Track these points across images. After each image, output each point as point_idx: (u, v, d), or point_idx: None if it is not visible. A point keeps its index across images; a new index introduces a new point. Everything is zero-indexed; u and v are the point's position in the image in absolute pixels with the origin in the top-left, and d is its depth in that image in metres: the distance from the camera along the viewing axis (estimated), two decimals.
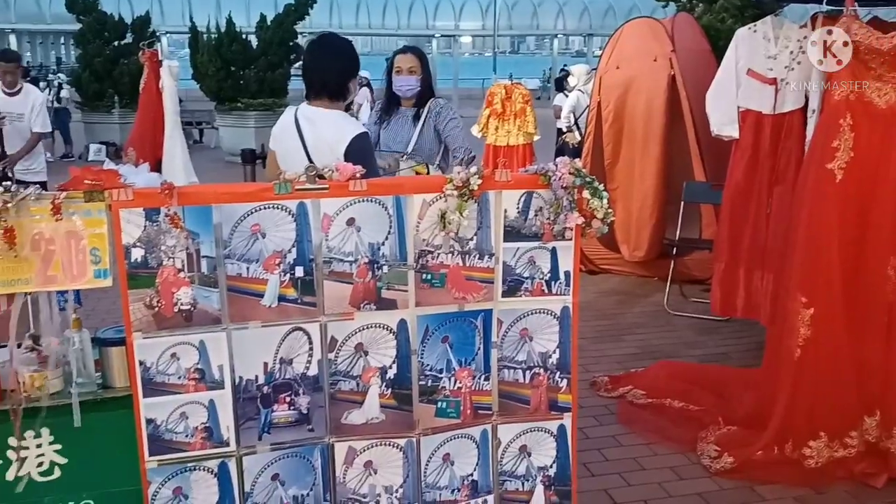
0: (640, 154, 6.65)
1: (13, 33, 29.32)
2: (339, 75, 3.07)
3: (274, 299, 2.39)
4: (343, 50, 3.13)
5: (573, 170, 2.38)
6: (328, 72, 3.06)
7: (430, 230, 2.43)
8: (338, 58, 3.09)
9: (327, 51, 3.11)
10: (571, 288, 2.55)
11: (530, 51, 67.59)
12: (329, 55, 3.09)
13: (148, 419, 2.33)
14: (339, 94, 3.08)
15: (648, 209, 6.57)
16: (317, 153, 2.93)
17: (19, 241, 2.12)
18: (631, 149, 6.74)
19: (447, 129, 3.99)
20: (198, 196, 2.30)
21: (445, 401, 2.56)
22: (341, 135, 2.97)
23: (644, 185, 6.58)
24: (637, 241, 6.70)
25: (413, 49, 4.17)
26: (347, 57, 3.12)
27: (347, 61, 3.11)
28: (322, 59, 3.08)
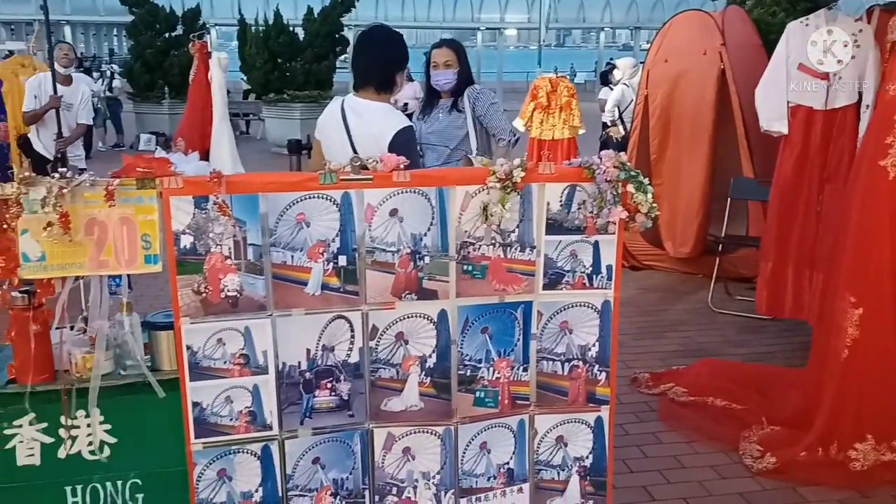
0: (687, 149, 6.56)
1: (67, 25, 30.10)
2: (386, 67, 3.09)
3: (317, 287, 2.43)
4: (392, 42, 3.15)
5: (618, 163, 2.37)
6: (375, 63, 3.08)
7: (472, 222, 2.44)
8: (386, 49, 3.11)
9: (376, 42, 3.13)
10: (613, 282, 2.54)
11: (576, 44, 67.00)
12: (377, 46, 3.11)
13: (194, 402, 2.39)
14: (386, 86, 3.10)
15: (695, 205, 6.48)
16: (361, 145, 2.96)
17: (74, 225, 2.19)
18: (678, 144, 6.65)
19: (487, 115, 3.98)
20: (245, 185, 2.34)
21: (484, 390, 2.57)
22: (386, 127, 3.00)
23: (691, 181, 6.49)
24: (683, 237, 6.61)
25: (448, 42, 4.19)
26: (396, 49, 3.14)
27: (395, 53, 3.13)
28: (370, 50, 3.10)
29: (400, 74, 3.16)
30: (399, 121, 3.04)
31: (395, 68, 3.12)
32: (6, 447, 2.32)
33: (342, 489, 2.54)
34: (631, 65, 9.14)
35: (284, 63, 15.17)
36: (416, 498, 2.60)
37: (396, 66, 3.13)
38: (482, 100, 4.02)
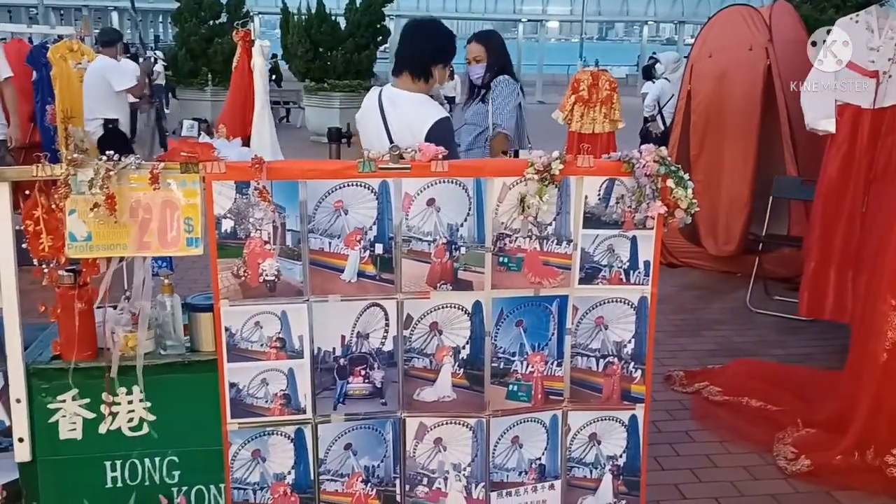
0: (730, 146, 6.46)
1: (115, 11, 30.62)
2: (423, 57, 3.08)
3: (353, 274, 2.46)
4: (435, 34, 3.14)
5: (658, 157, 2.35)
6: (413, 51, 3.09)
7: (509, 213, 2.45)
8: (427, 40, 3.11)
9: (419, 32, 3.14)
10: (650, 278, 2.52)
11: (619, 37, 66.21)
12: (419, 36, 3.12)
13: (231, 383, 2.43)
14: (421, 75, 3.09)
15: (740, 203, 6.38)
16: (398, 135, 2.96)
17: (119, 207, 2.25)
18: (720, 140, 6.55)
19: (495, 105, 4.11)
20: (285, 171, 2.37)
21: (517, 384, 2.57)
22: (423, 119, 2.99)
23: (735, 178, 6.38)
24: (726, 235, 6.52)
25: (478, 37, 4.31)
26: (437, 42, 3.12)
27: (435, 46, 3.11)
28: (412, 39, 3.11)
29: (438, 67, 3.12)
30: (436, 112, 3.04)
31: (432, 60, 3.10)
32: (50, 421, 2.40)
33: (373, 476, 2.57)
34: (673, 59, 9.02)
35: (325, 52, 15.27)
36: (447, 489, 2.61)
37: (434, 59, 3.10)
38: (497, 91, 4.15)
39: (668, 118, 8.45)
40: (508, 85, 4.23)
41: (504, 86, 4.20)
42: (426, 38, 3.14)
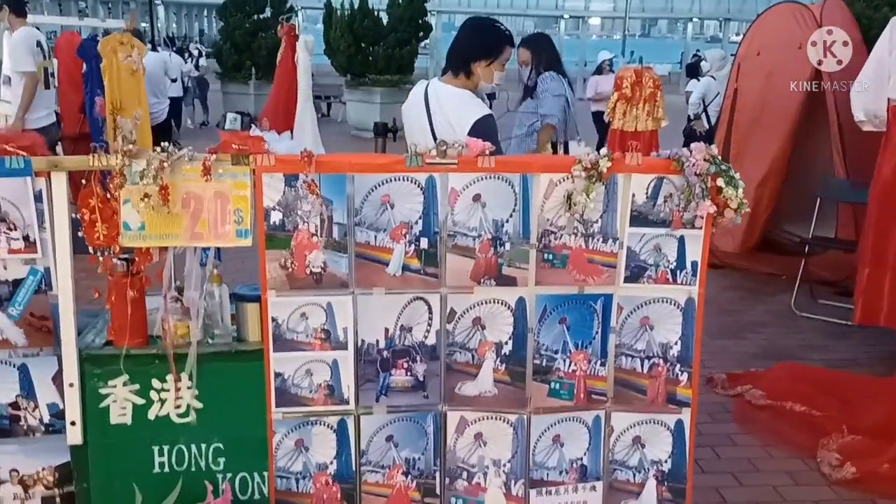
0: (770, 147, 6.34)
1: (161, 5, 31.20)
2: (464, 52, 3.07)
3: (398, 268, 2.47)
4: (481, 31, 3.13)
5: (708, 156, 2.32)
6: (456, 47, 3.10)
7: (555, 210, 2.44)
8: (470, 36, 3.12)
9: (465, 29, 3.17)
10: (698, 279, 2.49)
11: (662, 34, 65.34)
12: (464, 32, 3.14)
13: (276, 373, 2.47)
14: (461, 71, 3.07)
15: (765, 202, 6.26)
16: (441, 130, 2.95)
17: (172, 198, 2.29)
18: (764, 140, 6.43)
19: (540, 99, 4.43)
20: (334, 165, 2.40)
21: (559, 382, 2.57)
22: (465, 115, 2.98)
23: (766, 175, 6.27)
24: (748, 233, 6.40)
25: (524, 41, 4.68)
26: (480, 39, 3.10)
27: (476, 43, 3.09)
28: (458, 35, 3.14)
29: (479, 64, 3.07)
30: (478, 109, 3.02)
31: (473, 56, 3.07)
32: (101, 405, 2.45)
33: (413, 469, 2.59)
34: (719, 57, 8.89)
35: (368, 47, 15.32)
36: (486, 484, 2.62)
37: (475, 55, 3.07)
38: (543, 86, 4.46)
39: (713, 116, 8.33)
40: (554, 80, 4.53)
41: (549, 80, 4.51)
42: (470, 34, 3.15)
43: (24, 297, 2.38)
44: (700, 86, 8.85)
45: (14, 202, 2.31)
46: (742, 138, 6.53)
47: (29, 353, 2.43)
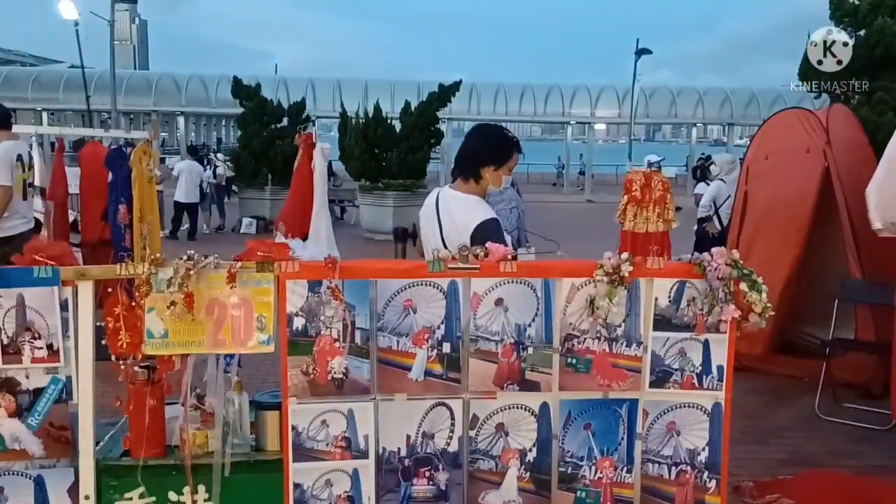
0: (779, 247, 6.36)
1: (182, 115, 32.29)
2: (474, 157, 3.09)
3: (421, 373, 2.45)
4: (490, 137, 3.18)
5: (730, 261, 2.33)
6: (466, 152, 3.13)
7: (577, 314, 2.44)
8: (478, 141, 3.16)
9: (475, 134, 3.19)
10: (724, 384, 2.46)
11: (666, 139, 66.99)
12: (472, 138, 3.16)
13: (296, 484, 2.41)
14: (471, 176, 3.10)
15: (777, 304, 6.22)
16: (448, 235, 2.97)
17: (197, 305, 2.30)
18: (770, 241, 6.45)
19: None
20: (357, 270, 2.42)
21: (585, 490, 2.49)
22: (470, 219, 2.97)
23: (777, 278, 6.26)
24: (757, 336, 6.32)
25: None
26: (490, 144, 3.14)
27: (487, 147, 3.12)
28: (466, 140, 3.17)
29: (488, 169, 3.09)
30: (482, 213, 3.01)
31: (481, 161, 3.09)
32: None
33: None
34: (729, 160, 9.06)
35: (381, 153, 15.75)
36: None
37: (484, 160, 3.10)
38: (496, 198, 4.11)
39: (724, 218, 8.41)
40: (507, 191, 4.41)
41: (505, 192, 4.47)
42: (480, 140, 3.19)
43: (45, 406, 2.37)
44: (711, 188, 8.99)
45: (40, 311, 2.33)
46: (750, 240, 6.56)
47: (46, 464, 2.39)
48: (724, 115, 30.26)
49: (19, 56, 37.63)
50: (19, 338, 2.33)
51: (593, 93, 31.03)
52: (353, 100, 20.75)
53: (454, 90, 16.45)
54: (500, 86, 30.82)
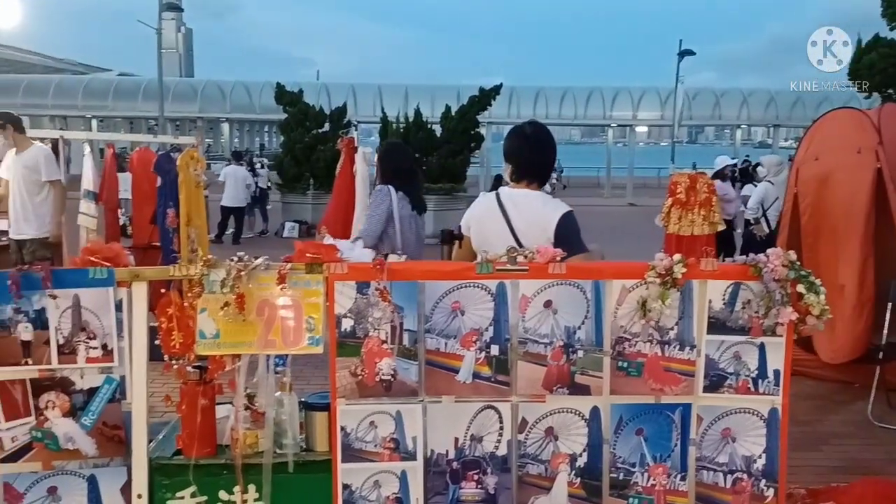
0: (840, 251, 6.20)
1: (226, 122, 32.86)
2: (548, 163, 3.14)
3: (469, 376, 2.44)
4: (551, 140, 3.20)
5: (787, 262, 2.27)
6: (539, 162, 3.10)
7: (628, 317, 2.40)
8: (549, 147, 3.15)
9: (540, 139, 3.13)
10: (781, 388, 2.40)
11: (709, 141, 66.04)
12: (541, 144, 3.11)
13: (344, 484, 2.41)
14: (545, 180, 3.14)
15: (850, 309, 6.06)
16: (524, 233, 2.93)
17: (248, 306, 2.32)
18: (832, 245, 6.29)
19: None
20: (405, 272, 2.42)
21: (637, 497, 2.45)
22: (550, 213, 2.96)
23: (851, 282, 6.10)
24: (841, 342, 6.17)
25: None
26: (553, 147, 3.20)
27: (553, 151, 3.19)
28: (535, 148, 3.10)
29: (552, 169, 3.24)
30: (561, 206, 3.02)
31: (553, 164, 3.24)
32: None
33: None
34: (776, 162, 8.89)
35: (421, 157, 15.78)
36: None
37: (553, 163, 3.25)
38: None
39: (772, 221, 8.25)
40: (378, 194, 4.31)
41: (375, 195, 4.32)
42: (549, 143, 3.17)
43: (98, 406, 2.40)
44: (758, 191, 8.82)
45: (95, 311, 2.37)
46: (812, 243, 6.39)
47: (99, 463, 2.43)
48: (769, 116, 29.72)
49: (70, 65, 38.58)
50: (75, 338, 2.38)
51: (635, 95, 30.73)
52: (393, 105, 20.84)
53: (494, 94, 16.43)
54: (540, 89, 30.70)
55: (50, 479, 2.41)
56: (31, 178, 6.11)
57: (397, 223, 4.19)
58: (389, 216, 4.18)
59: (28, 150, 6.19)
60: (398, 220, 4.19)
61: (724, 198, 9.35)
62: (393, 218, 4.19)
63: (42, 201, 6.16)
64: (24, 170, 6.10)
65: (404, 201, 4.25)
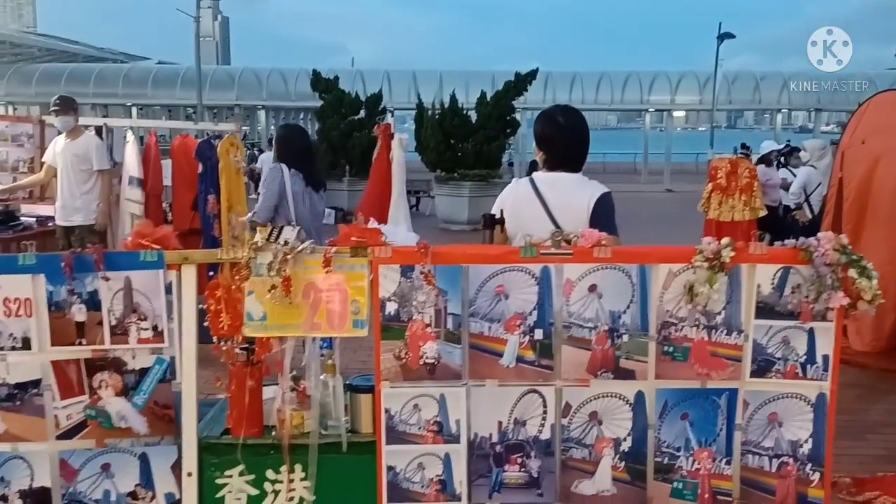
0: (886, 235, 6.07)
1: (262, 109, 33.06)
2: (584, 152, 3.09)
3: (512, 359, 2.44)
4: (585, 127, 3.15)
5: (838, 246, 2.23)
6: (574, 149, 3.07)
7: (674, 301, 2.38)
8: (583, 136, 3.10)
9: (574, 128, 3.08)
10: (830, 374, 2.36)
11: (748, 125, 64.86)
12: (576, 132, 3.07)
13: (389, 466, 2.44)
14: (580, 168, 3.09)
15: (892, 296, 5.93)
16: (561, 216, 2.91)
17: (294, 289, 2.35)
18: (875, 229, 6.17)
19: None
20: (449, 256, 2.42)
21: (682, 481, 2.43)
22: (587, 194, 2.94)
23: (891, 269, 5.97)
24: (878, 330, 6.05)
25: None
26: (587, 133, 3.14)
27: (587, 138, 3.13)
28: (570, 136, 3.06)
29: None
30: (598, 187, 3.00)
31: (587, 151, 3.15)
32: (217, 496, 2.47)
33: None
34: (819, 146, 8.71)
35: (457, 143, 15.75)
36: None
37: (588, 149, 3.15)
38: None
39: (815, 206, 8.09)
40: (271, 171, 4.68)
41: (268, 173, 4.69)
42: (584, 128, 3.13)
43: (150, 385, 2.46)
44: (801, 175, 8.66)
45: (146, 293, 2.42)
46: (854, 228, 6.27)
47: (150, 441, 2.49)
48: (811, 100, 29.02)
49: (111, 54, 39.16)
50: (126, 319, 2.43)
51: (673, 79, 30.24)
52: (428, 91, 20.82)
53: (530, 79, 16.30)
54: (575, 74, 30.37)
55: (103, 455, 2.47)
56: (81, 166, 6.24)
57: (290, 198, 4.56)
58: (282, 192, 4.58)
59: (80, 139, 6.32)
60: (290, 196, 4.55)
61: (768, 183, 9.18)
62: (286, 194, 4.54)
63: (90, 189, 6.29)
64: (74, 158, 6.23)
65: (297, 178, 4.61)
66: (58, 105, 6.23)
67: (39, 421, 2.45)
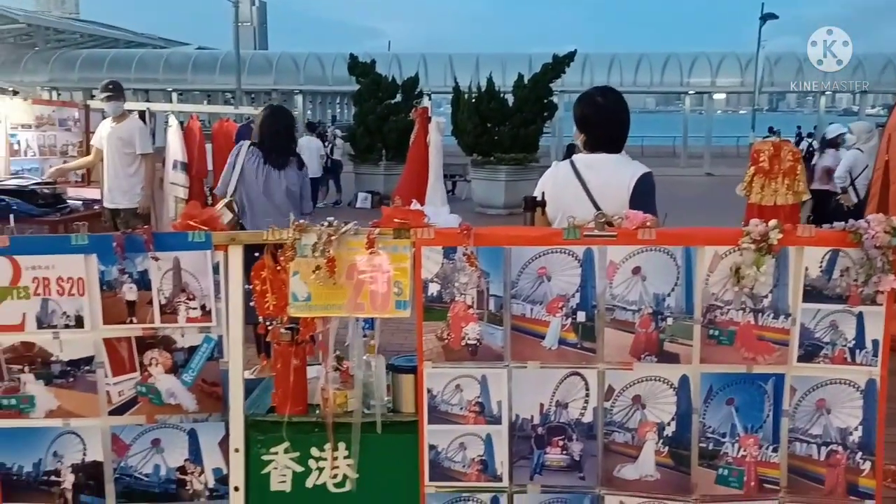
0: None
1: (300, 94, 33.27)
2: (624, 134, 3.06)
3: (554, 342, 2.44)
4: (625, 108, 3.12)
5: (889, 228, 2.18)
6: (615, 131, 3.04)
7: (720, 284, 2.35)
8: (623, 117, 3.07)
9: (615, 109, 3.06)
10: (879, 359, 2.32)
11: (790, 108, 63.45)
12: (617, 114, 3.05)
13: (431, 445, 2.46)
14: (621, 149, 3.06)
15: None
16: (601, 196, 2.89)
17: (338, 270, 2.37)
18: None
19: None
20: (491, 237, 2.42)
21: (727, 468, 2.41)
22: (628, 174, 2.91)
23: None
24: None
25: None
26: (628, 115, 3.11)
27: (628, 119, 3.09)
28: (611, 117, 3.04)
29: None
30: (639, 167, 2.97)
31: (628, 132, 3.12)
32: (263, 472, 2.52)
33: None
34: (866, 129, 8.49)
35: (493, 127, 15.68)
36: None
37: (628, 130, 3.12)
38: None
39: (861, 190, 7.90)
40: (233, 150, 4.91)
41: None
42: (624, 117, 3.09)
43: (198, 363, 2.51)
44: (847, 158, 8.44)
45: (194, 273, 2.46)
46: None
47: (198, 418, 2.54)
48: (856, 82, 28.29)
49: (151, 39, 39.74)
50: (175, 298, 2.48)
51: (714, 61, 29.72)
52: (465, 74, 20.74)
53: (568, 61, 16.13)
54: (614, 56, 30.02)
55: (153, 431, 2.53)
56: (126, 150, 6.36)
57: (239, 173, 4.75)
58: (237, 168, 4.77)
59: (124, 123, 6.44)
60: (243, 171, 4.74)
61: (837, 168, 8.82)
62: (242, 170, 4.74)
63: (134, 172, 6.41)
64: (118, 141, 6.35)
65: (253, 156, 4.77)
66: (111, 90, 6.35)
67: (92, 397, 2.52)
